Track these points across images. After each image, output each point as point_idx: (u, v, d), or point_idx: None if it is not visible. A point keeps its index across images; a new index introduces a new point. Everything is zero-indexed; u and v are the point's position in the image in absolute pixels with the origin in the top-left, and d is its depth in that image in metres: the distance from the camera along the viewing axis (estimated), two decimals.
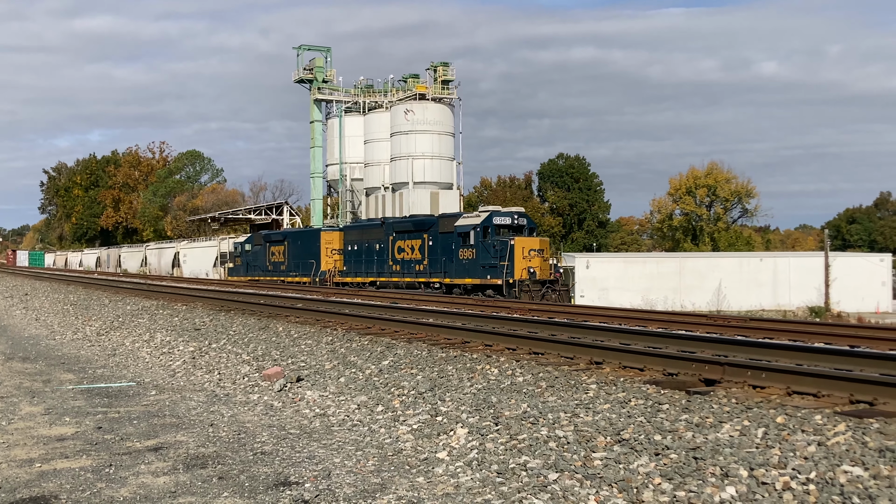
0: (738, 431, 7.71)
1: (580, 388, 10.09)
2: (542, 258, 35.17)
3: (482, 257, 35.47)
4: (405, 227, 41.72)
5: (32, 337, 24.53)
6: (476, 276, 35.65)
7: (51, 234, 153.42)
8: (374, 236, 43.56)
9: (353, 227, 49.65)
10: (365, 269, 44.02)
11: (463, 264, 36.58)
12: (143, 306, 28.11)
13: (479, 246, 35.75)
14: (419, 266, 39.84)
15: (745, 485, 6.75)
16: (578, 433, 8.51)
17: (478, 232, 35.96)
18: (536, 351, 12.93)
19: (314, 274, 46.59)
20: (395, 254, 41.70)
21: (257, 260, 54.56)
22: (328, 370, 13.83)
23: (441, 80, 74.18)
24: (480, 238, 35.83)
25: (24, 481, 8.38)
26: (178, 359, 17.54)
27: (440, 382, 11.62)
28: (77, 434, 10.58)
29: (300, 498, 7.61)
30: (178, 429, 10.81)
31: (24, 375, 16.12)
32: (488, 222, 36.03)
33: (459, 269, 36.71)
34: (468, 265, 36.26)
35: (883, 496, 6.14)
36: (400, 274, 41.18)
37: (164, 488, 8.05)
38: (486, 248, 35.45)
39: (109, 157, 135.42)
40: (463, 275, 36.42)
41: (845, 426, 7.45)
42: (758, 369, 9.67)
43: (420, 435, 9.80)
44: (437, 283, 38.15)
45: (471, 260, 36.13)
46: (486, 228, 35.89)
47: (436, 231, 38.94)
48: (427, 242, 39.42)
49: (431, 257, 38.93)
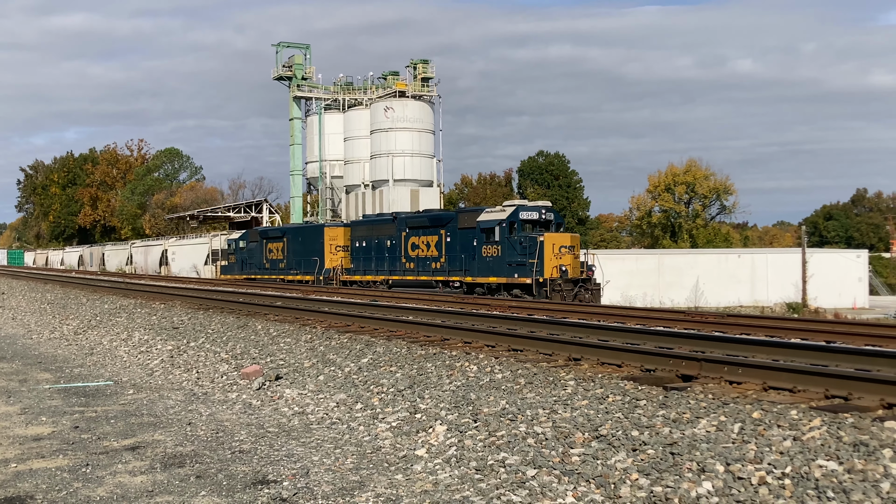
0: (715, 427, 7.76)
1: (558, 384, 10.12)
2: (574, 255, 32.89)
3: (508, 254, 33.16)
4: (420, 223, 39.28)
5: (9, 336, 24.33)
6: (502, 274, 33.36)
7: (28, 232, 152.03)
8: (385, 232, 40.98)
9: (361, 222, 46.68)
10: (375, 266, 41.50)
11: (486, 262, 34.26)
12: (121, 305, 27.94)
13: (505, 242, 33.37)
14: (436, 264, 37.45)
15: (722, 480, 6.79)
16: (556, 429, 8.53)
17: (503, 227, 33.59)
18: (515, 348, 12.95)
19: (318, 272, 44.66)
20: (409, 251, 39.20)
21: (253, 257, 52.45)
22: (307, 368, 13.79)
23: (421, 78, 74.20)
24: (506, 234, 33.39)
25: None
26: (156, 357, 17.44)
27: (419, 380, 11.62)
28: (54, 434, 10.51)
29: (278, 496, 7.59)
30: (155, 428, 10.75)
31: (0, 375, 15.98)
32: (514, 217, 33.67)
33: (482, 267, 34.43)
34: (492, 263, 33.95)
35: (857, 490, 6.20)
36: (414, 272, 38.70)
37: (142, 487, 8.01)
38: (513, 245, 33.10)
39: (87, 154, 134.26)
40: (487, 273, 34.12)
41: (820, 421, 7.51)
42: (734, 365, 9.72)
43: (399, 432, 9.80)
44: (458, 283, 35.67)
45: (495, 257, 33.81)
46: (513, 224, 33.48)
47: (454, 227, 36.50)
48: (444, 239, 36.98)
49: (450, 254, 36.50)
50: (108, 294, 33.37)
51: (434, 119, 74.19)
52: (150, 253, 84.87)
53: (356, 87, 79.15)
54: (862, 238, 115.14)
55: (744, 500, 6.48)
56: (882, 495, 6.09)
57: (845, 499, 6.15)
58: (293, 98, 79.02)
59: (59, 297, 35.35)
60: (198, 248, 73.89)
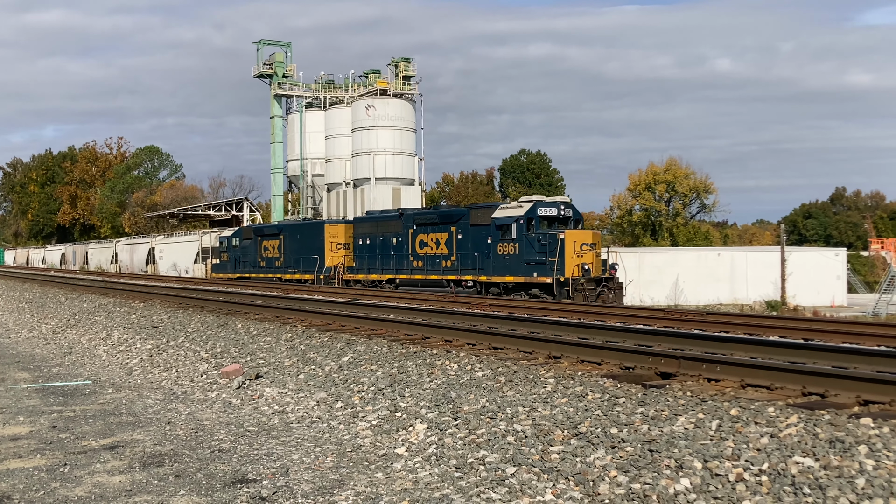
0: (693, 424, 7.80)
1: (538, 382, 10.14)
2: (595, 253, 31.60)
3: (526, 253, 31.64)
4: (429, 219, 37.75)
5: None
6: (519, 273, 31.79)
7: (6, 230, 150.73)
8: (391, 229, 39.33)
9: (364, 219, 44.44)
10: (380, 265, 39.76)
11: (502, 261, 32.54)
12: (100, 303, 27.77)
13: (523, 240, 31.82)
14: (447, 262, 35.84)
15: (700, 476, 6.83)
16: (536, 427, 8.55)
17: (521, 224, 32.04)
18: (496, 346, 12.97)
19: (318, 270, 43.25)
20: (417, 248, 37.56)
21: (247, 255, 50.59)
22: (287, 367, 13.76)
23: (402, 76, 74.16)
24: (524, 231, 31.86)
25: None
26: (136, 357, 17.35)
27: (400, 378, 11.62)
28: (31, 433, 10.43)
29: (258, 495, 7.57)
30: (134, 427, 10.70)
31: None
32: (532, 213, 32.08)
33: (498, 265, 32.76)
34: (509, 262, 32.30)
35: (833, 486, 6.25)
36: (423, 271, 37.14)
37: (120, 487, 7.97)
38: (531, 243, 31.55)
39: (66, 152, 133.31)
40: (503, 272, 32.46)
41: (797, 418, 7.56)
42: (713, 363, 9.78)
43: (379, 431, 9.79)
44: (471, 282, 34.12)
45: (512, 256, 32.23)
46: (530, 220, 31.94)
47: (466, 223, 34.79)
48: (455, 236, 35.33)
49: (461, 252, 34.86)
50: (88, 293, 33.16)
51: (416, 117, 74.24)
52: (137, 251, 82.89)
53: (337, 85, 78.94)
54: (840, 236, 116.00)
55: (721, 496, 6.52)
56: (857, 491, 6.14)
57: (821, 495, 6.20)
58: (274, 96, 78.74)
59: (37, 295, 35.09)
60: (187, 245, 71.82)
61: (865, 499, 6.05)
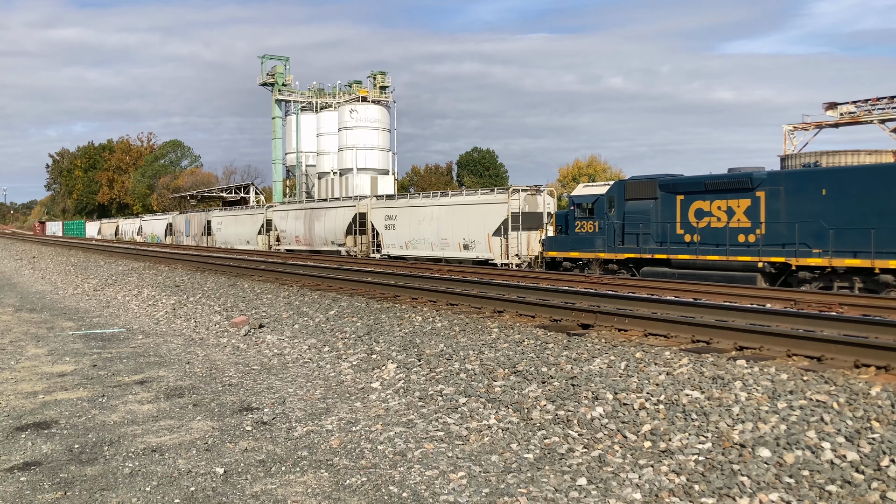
0: (606, 364, 7.88)
1: (485, 331, 10.17)
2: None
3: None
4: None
5: (39, 292, 23.62)
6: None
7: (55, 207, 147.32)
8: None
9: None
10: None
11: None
12: (133, 267, 27.30)
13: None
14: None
15: (611, 405, 6.91)
16: (483, 367, 8.58)
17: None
18: (452, 303, 12.97)
19: None
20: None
21: (649, 226, 23.09)
22: (285, 319, 13.65)
23: (379, 86, 73.50)
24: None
25: (28, 409, 8.10)
26: (161, 310, 17.10)
27: (375, 328, 11.59)
28: (75, 371, 10.27)
29: (260, 420, 7.53)
30: (160, 366, 10.57)
31: (31, 324, 15.53)
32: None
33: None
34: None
35: (714, 413, 6.36)
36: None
37: (148, 414, 7.87)
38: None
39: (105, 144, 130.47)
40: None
41: (688, 360, 7.67)
42: (623, 316, 9.87)
43: (358, 369, 9.77)
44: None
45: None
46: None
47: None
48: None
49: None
50: (122, 259, 32.58)
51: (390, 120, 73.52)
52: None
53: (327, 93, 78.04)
54: None
55: (627, 421, 6.61)
56: (733, 416, 6.26)
57: (706, 420, 6.31)
58: (275, 101, 77.59)
59: (80, 260, 34.38)
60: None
61: (739, 422, 6.17)
